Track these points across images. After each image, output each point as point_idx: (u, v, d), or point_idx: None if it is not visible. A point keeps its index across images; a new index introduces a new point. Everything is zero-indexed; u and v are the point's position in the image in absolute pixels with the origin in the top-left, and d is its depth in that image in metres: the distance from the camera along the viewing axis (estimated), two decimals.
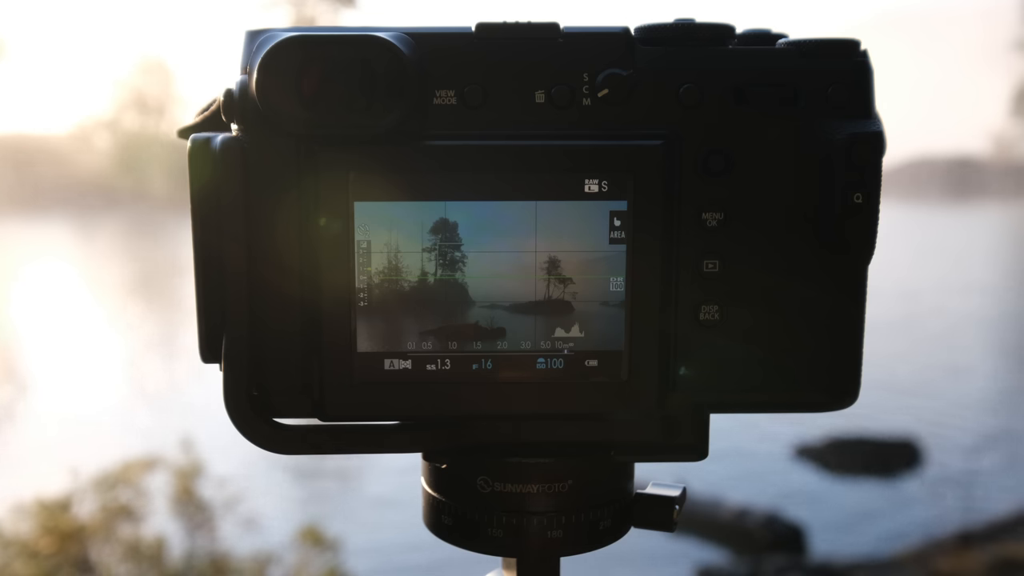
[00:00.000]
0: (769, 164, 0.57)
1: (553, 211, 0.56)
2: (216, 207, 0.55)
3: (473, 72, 0.56)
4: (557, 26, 0.57)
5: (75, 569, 4.33)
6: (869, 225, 0.56)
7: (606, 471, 0.63)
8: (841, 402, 0.60)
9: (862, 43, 0.58)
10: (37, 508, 4.48)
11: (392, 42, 0.54)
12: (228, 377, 0.56)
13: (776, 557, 5.77)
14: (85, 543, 4.45)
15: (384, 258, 0.56)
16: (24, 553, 4.24)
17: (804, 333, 0.59)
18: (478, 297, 0.56)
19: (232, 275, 0.55)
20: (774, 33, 0.59)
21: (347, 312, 0.56)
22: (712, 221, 0.57)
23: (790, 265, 0.58)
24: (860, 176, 0.56)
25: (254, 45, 0.56)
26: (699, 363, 0.58)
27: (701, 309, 0.58)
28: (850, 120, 0.56)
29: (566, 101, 0.57)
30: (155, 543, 4.60)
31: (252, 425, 0.57)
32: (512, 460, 0.61)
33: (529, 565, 0.63)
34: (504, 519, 0.61)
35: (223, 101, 0.56)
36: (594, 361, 0.57)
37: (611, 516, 0.63)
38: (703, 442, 0.61)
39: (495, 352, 0.57)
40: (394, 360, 0.57)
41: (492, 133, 0.56)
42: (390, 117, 0.54)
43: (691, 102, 0.57)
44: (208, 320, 0.57)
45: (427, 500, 0.64)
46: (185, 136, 0.58)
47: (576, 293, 0.56)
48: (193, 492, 4.92)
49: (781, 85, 0.57)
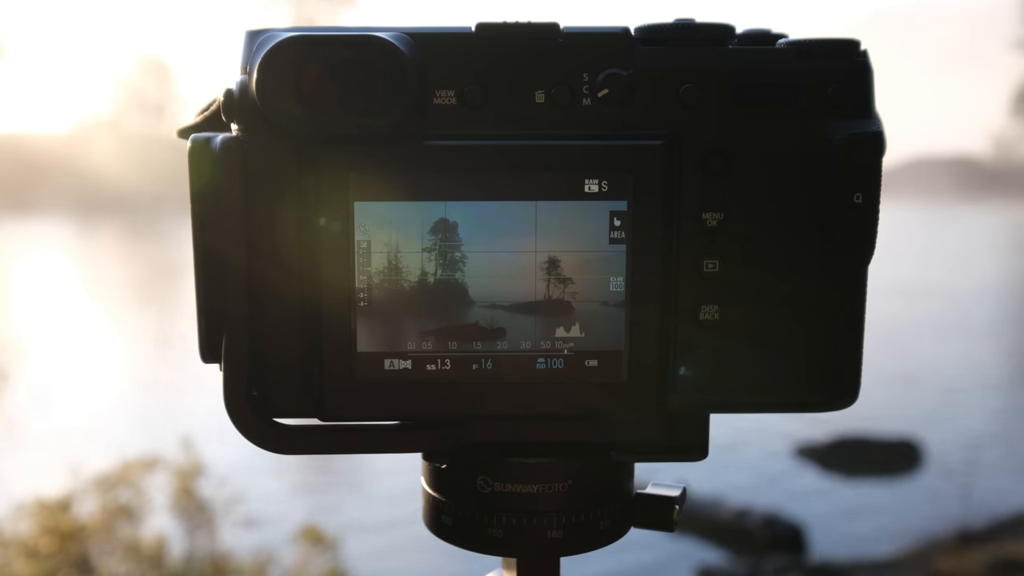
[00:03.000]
0: (769, 164, 0.57)
1: (553, 211, 0.56)
2: (216, 207, 0.55)
3: (473, 72, 0.56)
4: (557, 26, 0.57)
5: (75, 569, 4.33)
6: (869, 225, 0.56)
7: (606, 471, 0.63)
8: (841, 402, 0.60)
9: (862, 43, 0.58)
10: (37, 508, 4.48)
11: (392, 42, 0.54)
12: (228, 377, 0.56)
13: (776, 557, 5.77)
14: (85, 543, 4.45)
15: (384, 258, 0.56)
16: (24, 553, 4.24)
17: (804, 333, 0.59)
18: (478, 297, 0.56)
19: (232, 275, 0.55)
20: (774, 33, 0.59)
21: (347, 312, 0.56)
22: (712, 221, 0.57)
23: (790, 265, 0.58)
24: (860, 176, 0.56)
25: (254, 45, 0.56)
26: (699, 363, 0.58)
27: (701, 309, 0.58)
28: (850, 120, 0.56)
29: (566, 101, 0.57)
30: (155, 543, 4.60)
31: (252, 425, 0.57)
32: (512, 460, 0.61)
33: (529, 565, 0.63)
34: (504, 519, 0.61)
35: (223, 101, 0.56)
36: (594, 361, 0.57)
37: (611, 516, 0.63)
38: (703, 442, 0.61)
39: (495, 352, 0.57)
40: (394, 360, 0.57)
41: (492, 133, 0.56)
42: (390, 117, 0.54)
43: (691, 102, 0.57)
44: (208, 320, 0.57)
45: (427, 500, 0.64)
46: (185, 136, 0.58)
47: (576, 293, 0.56)
48: (193, 492, 4.92)
49: (781, 85, 0.57)
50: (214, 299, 0.56)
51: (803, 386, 0.59)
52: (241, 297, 0.56)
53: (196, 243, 0.57)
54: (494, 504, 0.61)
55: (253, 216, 0.56)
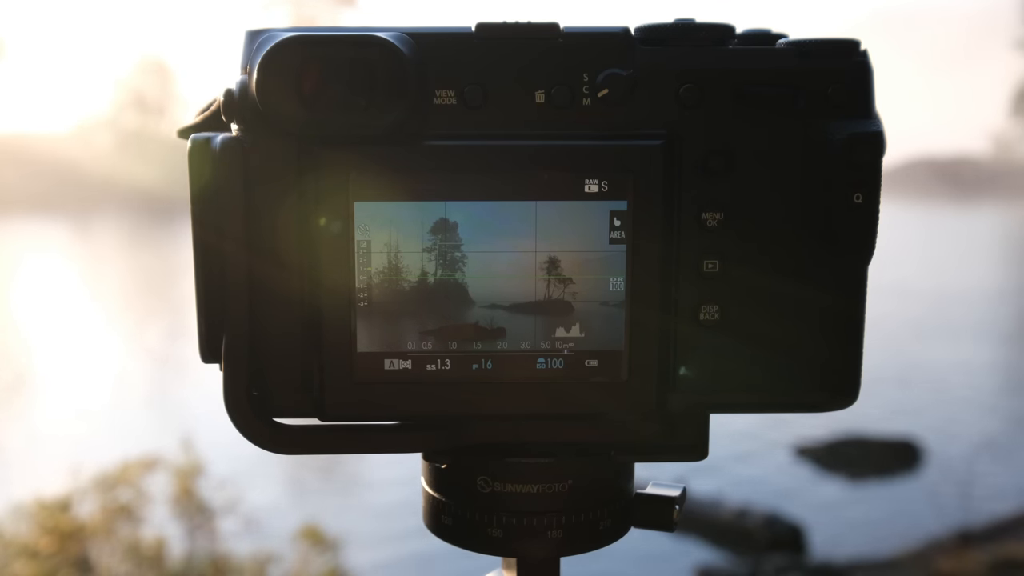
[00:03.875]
0: (769, 164, 0.57)
1: (553, 211, 0.56)
2: (216, 207, 0.55)
3: (473, 72, 0.56)
4: (557, 26, 0.57)
5: (75, 569, 4.33)
6: (869, 225, 0.56)
7: (606, 471, 0.63)
8: (841, 402, 0.60)
9: (862, 43, 0.58)
10: (37, 508, 4.48)
11: (392, 42, 0.54)
12: (228, 377, 0.56)
13: (776, 557, 5.77)
14: (85, 543, 4.45)
15: (384, 258, 0.56)
16: (24, 553, 4.23)
17: (804, 333, 0.59)
18: (478, 297, 0.56)
19: (232, 275, 0.55)
20: (774, 33, 0.59)
21: (347, 312, 0.56)
22: (712, 221, 0.57)
23: (790, 265, 0.58)
24: (860, 176, 0.56)
25: (254, 45, 0.56)
26: (699, 363, 0.58)
27: (701, 309, 0.58)
28: (850, 120, 0.56)
29: (566, 101, 0.57)
30: (155, 543, 4.60)
31: (252, 425, 0.57)
32: (512, 460, 0.61)
33: (529, 565, 0.63)
34: (504, 519, 0.61)
35: (223, 101, 0.56)
36: (594, 361, 0.57)
37: (611, 516, 0.63)
38: (703, 442, 0.61)
39: (495, 352, 0.57)
40: (394, 360, 0.57)
41: (492, 133, 0.56)
42: (390, 117, 0.54)
43: (691, 102, 0.57)
44: (208, 320, 0.57)
45: (427, 500, 0.64)
46: (185, 136, 0.58)
47: (576, 293, 0.56)
48: (193, 492, 4.92)
49: (781, 85, 0.57)
50: (214, 299, 0.56)
51: (803, 386, 0.59)
52: (241, 297, 0.56)
53: (196, 243, 0.57)
54: (494, 504, 0.61)
55: (253, 216, 0.56)
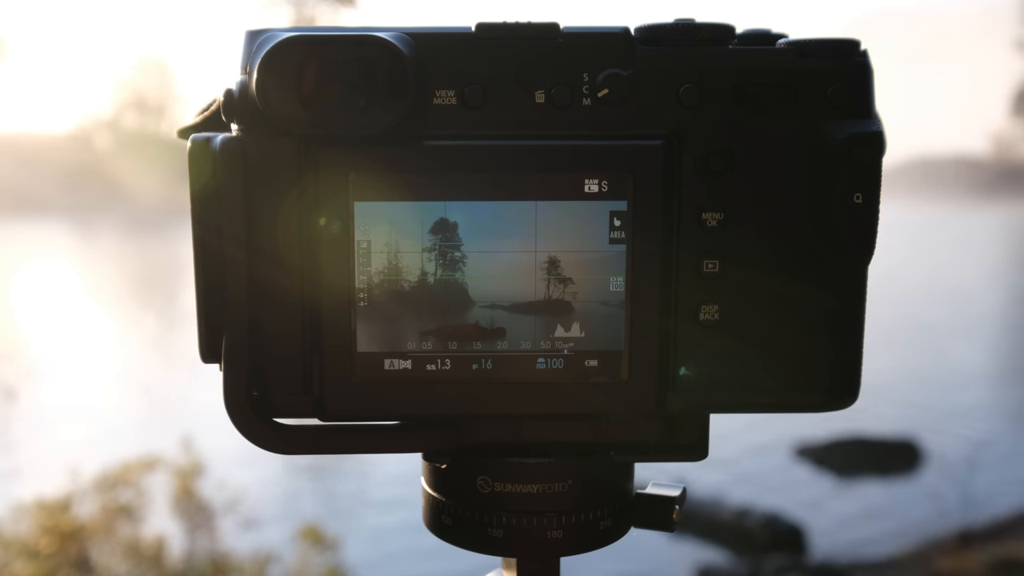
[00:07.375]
0: (769, 164, 0.57)
1: (553, 211, 0.56)
2: (216, 207, 0.55)
3: (473, 72, 0.56)
4: (557, 26, 0.57)
5: (75, 569, 4.33)
6: (869, 225, 0.56)
7: (606, 471, 0.63)
8: (841, 402, 0.60)
9: (862, 43, 0.58)
10: (37, 508, 4.48)
11: (392, 42, 0.54)
12: (228, 377, 0.56)
13: (776, 557, 5.77)
14: (85, 543, 4.45)
15: (384, 258, 0.56)
16: (24, 553, 4.23)
17: (804, 333, 0.59)
18: (478, 297, 0.56)
19: (232, 275, 0.56)
20: (774, 33, 0.59)
21: (347, 312, 0.56)
22: (712, 221, 0.57)
23: (790, 265, 0.58)
24: (860, 176, 0.56)
25: (254, 45, 0.56)
26: (699, 363, 0.58)
27: (701, 309, 0.58)
28: (850, 120, 0.56)
29: (566, 101, 0.57)
30: (155, 543, 4.60)
31: (252, 425, 0.57)
32: (512, 460, 0.61)
33: (529, 565, 0.63)
34: (504, 519, 0.61)
35: (223, 101, 0.56)
36: (594, 361, 0.57)
37: (611, 516, 0.63)
38: (703, 442, 0.61)
39: (495, 352, 0.57)
40: (394, 360, 0.57)
41: (492, 133, 0.56)
42: (390, 117, 0.54)
43: (691, 102, 0.57)
44: (208, 320, 0.57)
45: (427, 500, 0.64)
46: (185, 136, 0.58)
47: (576, 293, 0.56)
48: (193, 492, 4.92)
49: (781, 85, 0.57)
50: (214, 299, 0.56)
51: (803, 386, 0.59)
52: (241, 297, 0.56)
53: (196, 243, 0.57)
54: (494, 504, 0.61)
55: (253, 216, 0.56)
